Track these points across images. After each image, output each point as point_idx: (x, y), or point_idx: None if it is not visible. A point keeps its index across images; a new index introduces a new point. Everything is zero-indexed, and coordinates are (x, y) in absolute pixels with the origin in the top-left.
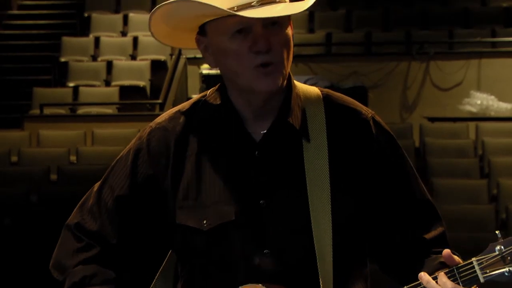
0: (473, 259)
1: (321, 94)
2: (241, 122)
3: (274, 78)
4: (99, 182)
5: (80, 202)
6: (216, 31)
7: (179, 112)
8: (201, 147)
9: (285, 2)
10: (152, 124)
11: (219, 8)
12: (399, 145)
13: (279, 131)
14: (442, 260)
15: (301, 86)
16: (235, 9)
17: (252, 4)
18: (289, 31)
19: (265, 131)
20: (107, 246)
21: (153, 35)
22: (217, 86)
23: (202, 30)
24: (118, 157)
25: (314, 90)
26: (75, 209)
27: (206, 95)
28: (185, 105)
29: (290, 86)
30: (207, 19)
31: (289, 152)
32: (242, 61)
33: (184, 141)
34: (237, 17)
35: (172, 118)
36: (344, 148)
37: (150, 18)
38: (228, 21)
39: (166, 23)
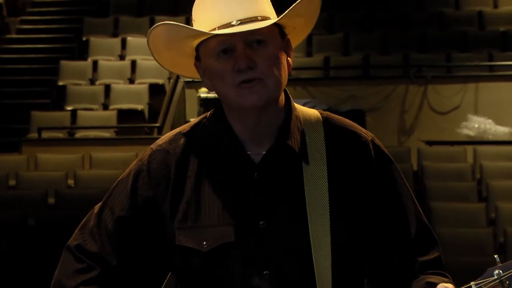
0: (472, 283)
1: (320, 117)
2: (240, 144)
3: (258, 93)
4: (99, 204)
5: (81, 224)
6: (205, 53)
7: (179, 134)
8: (200, 168)
9: (269, 19)
10: (153, 146)
11: (192, 29)
12: (398, 169)
13: (278, 153)
14: (429, 280)
15: (300, 108)
16: (216, 29)
17: (232, 23)
18: (278, 49)
19: (264, 153)
20: (107, 268)
21: (158, 63)
22: (215, 109)
23: (197, 55)
24: (118, 179)
25: (313, 112)
26: (76, 231)
27: (205, 117)
28: (185, 127)
29: (289, 108)
30: (193, 42)
31: (289, 173)
32: (227, 80)
33: (184, 162)
34: (218, 37)
35: (172, 140)
36: (343, 170)
37: (149, 47)
38: (212, 42)
39: (167, 48)
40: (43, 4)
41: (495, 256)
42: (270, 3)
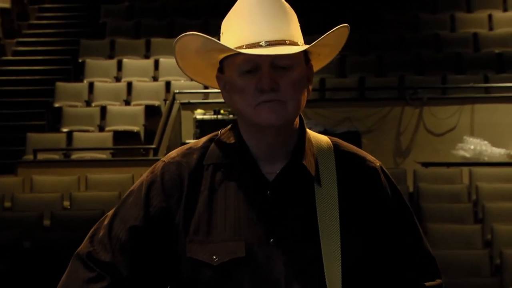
0: None
1: (331, 142)
2: (254, 162)
3: (277, 112)
4: (109, 214)
5: (89, 234)
6: (229, 68)
7: (191, 148)
8: (214, 183)
9: (297, 44)
10: (165, 159)
11: (221, 45)
12: (403, 196)
13: (292, 173)
14: None
15: (311, 132)
16: (244, 47)
17: (260, 43)
18: (301, 75)
19: (278, 172)
20: (118, 278)
21: (181, 69)
22: (230, 126)
23: (221, 68)
24: (129, 191)
25: (324, 137)
26: (85, 240)
27: (218, 134)
28: (198, 142)
29: (303, 130)
30: (219, 55)
31: (301, 193)
32: (247, 98)
33: (198, 176)
34: (245, 55)
35: (185, 154)
36: (354, 194)
37: (175, 54)
38: (238, 59)
39: (192, 57)
40: (39, 26)
41: None
42: (299, 27)
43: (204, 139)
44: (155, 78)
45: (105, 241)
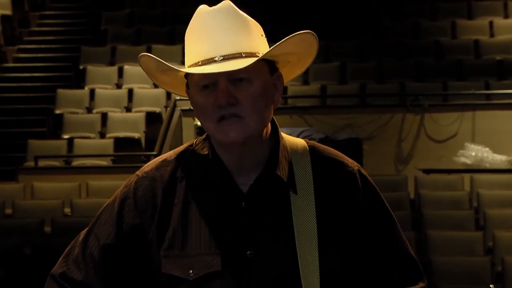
0: None
1: (307, 146)
2: (228, 173)
3: (237, 130)
4: (84, 231)
5: (65, 252)
6: (191, 84)
7: (166, 160)
8: (187, 196)
9: (255, 55)
10: (139, 172)
11: (167, 64)
12: (383, 199)
13: (266, 183)
14: None
15: (287, 137)
16: (199, 63)
17: (215, 59)
18: (263, 86)
19: (252, 183)
20: None
21: (159, 85)
22: (204, 135)
23: (187, 83)
24: (103, 206)
25: (300, 141)
26: (60, 259)
27: (193, 144)
28: (171, 154)
29: (277, 138)
30: (179, 73)
31: (277, 203)
32: (208, 115)
33: (171, 189)
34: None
35: (159, 167)
36: (331, 199)
37: (145, 71)
38: (195, 76)
39: (160, 74)
40: (40, 33)
41: (491, 286)
42: (262, 36)
43: (179, 149)
44: (156, 85)
45: (79, 259)
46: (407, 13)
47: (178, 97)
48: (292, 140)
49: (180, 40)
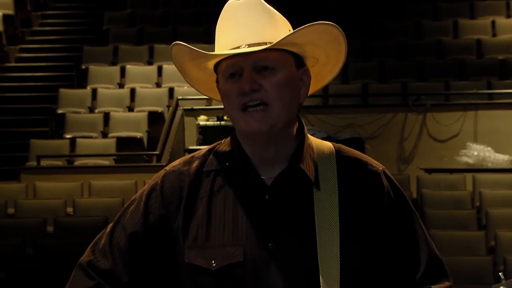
0: None
1: (333, 147)
2: (252, 166)
3: (261, 119)
4: (112, 223)
5: (93, 242)
6: (220, 75)
7: (194, 157)
8: (213, 189)
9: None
10: (168, 167)
11: (196, 50)
12: (407, 199)
13: (290, 177)
14: None
15: (313, 139)
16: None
17: (241, 47)
18: (288, 78)
19: (276, 176)
20: (118, 285)
21: (191, 85)
22: (231, 136)
23: (218, 78)
24: (131, 200)
25: (326, 143)
26: (87, 249)
27: (220, 143)
28: (200, 151)
29: (302, 136)
30: (208, 63)
31: (300, 198)
32: (233, 103)
33: (197, 183)
34: (228, 60)
35: (187, 162)
36: (354, 198)
37: (175, 65)
38: (223, 65)
39: (193, 70)
40: (42, 33)
41: (500, 273)
42: (290, 31)
43: (207, 148)
44: (158, 85)
45: (106, 249)
46: (409, 13)
47: (180, 97)
48: (319, 141)
49: (182, 40)
